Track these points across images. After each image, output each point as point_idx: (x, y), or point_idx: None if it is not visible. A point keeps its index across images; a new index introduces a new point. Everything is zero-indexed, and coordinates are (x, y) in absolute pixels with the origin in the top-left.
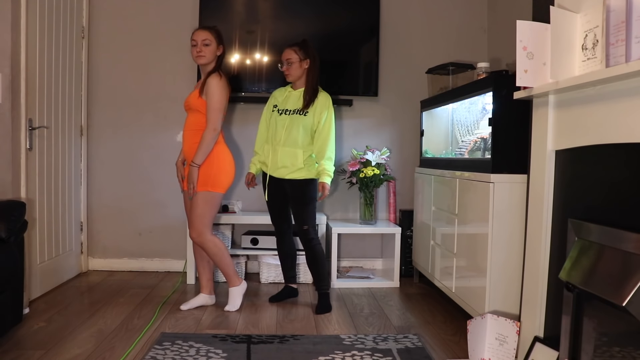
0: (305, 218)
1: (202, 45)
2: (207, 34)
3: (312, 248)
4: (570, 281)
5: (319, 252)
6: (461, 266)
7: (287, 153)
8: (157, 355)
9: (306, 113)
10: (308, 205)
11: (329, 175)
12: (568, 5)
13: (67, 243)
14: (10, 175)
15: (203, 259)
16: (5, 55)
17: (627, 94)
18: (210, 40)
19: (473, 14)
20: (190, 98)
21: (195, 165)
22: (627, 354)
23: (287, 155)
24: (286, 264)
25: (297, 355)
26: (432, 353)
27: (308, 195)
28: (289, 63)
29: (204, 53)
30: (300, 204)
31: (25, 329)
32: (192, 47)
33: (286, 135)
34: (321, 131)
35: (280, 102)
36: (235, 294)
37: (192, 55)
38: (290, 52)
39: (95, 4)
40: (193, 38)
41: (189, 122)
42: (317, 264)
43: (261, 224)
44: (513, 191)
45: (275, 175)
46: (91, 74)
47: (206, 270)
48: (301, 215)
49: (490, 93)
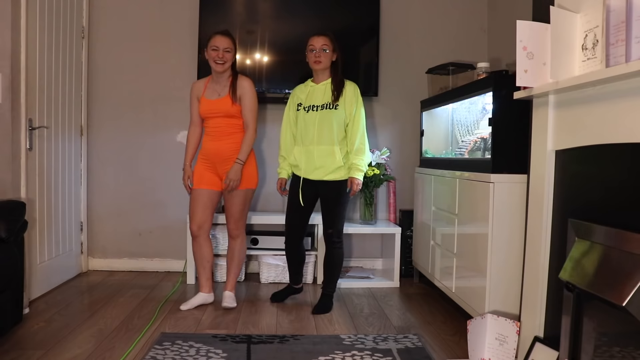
0: (333, 220)
1: (224, 52)
2: (229, 42)
3: (333, 251)
4: (570, 281)
5: (338, 257)
6: (461, 266)
7: (323, 152)
8: (157, 355)
9: (337, 106)
10: (340, 206)
11: (360, 170)
12: (568, 5)
13: (67, 243)
14: (10, 175)
15: (203, 258)
16: (5, 55)
17: (627, 94)
18: (231, 48)
19: (473, 14)
20: (222, 105)
21: (242, 162)
22: (627, 354)
23: (324, 155)
24: (294, 268)
25: (297, 355)
26: (432, 353)
27: (344, 196)
28: (324, 50)
29: (226, 59)
30: (333, 205)
31: (25, 329)
32: (213, 52)
33: (319, 133)
34: (352, 123)
35: (304, 99)
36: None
37: (211, 59)
38: (325, 39)
39: (95, 4)
40: (215, 44)
41: (222, 126)
42: (333, 268)
43: (261, 224)
44: (513, 191)
45: (312, 177)
46: (91, 74)
47: (206, 270)
48: (330, 217)
49: (490, 93)
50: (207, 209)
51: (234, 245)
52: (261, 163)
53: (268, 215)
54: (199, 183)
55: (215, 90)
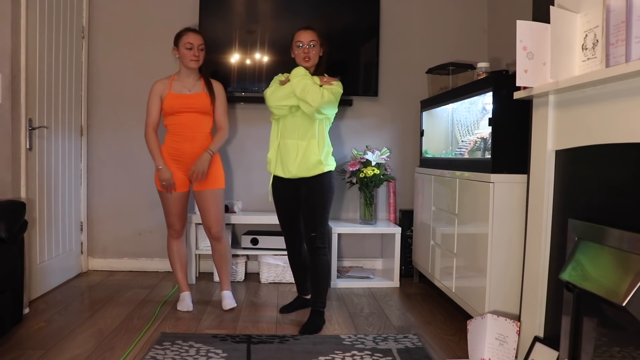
0: (316, 222)
1: (199, 49)
2: (202, 39)
3: (317, 259)
4: (570, 281)
5: (323, 265)
6: (461, 266)
7: (302, 147)
8: (157, 355)
9: None
10: (323, 206)
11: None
12: (568, 5)
13: (67, 243)
14: (10, 175)
15: (184, 258)
16: (5, 55)
17: (627, 94)
18: (204, 45)
19: (473, 14)
20: (199, 100)
21: (212, 153)
22: (627, 354)
23: (303, 150)
24: (299, 276)
25: (297, 355)
26: (432, 353)
27: (327, 194)
28: (312, 45)
29: (200, 57)
30: (314, 204)
31: (25, 329)
32: (187, 50)
33: (299, 128)
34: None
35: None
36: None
37: (185, 57)
38: (313, 33)
39: (95, 4)
40: (189, 41)
41: (194, 123)
42: (318, 277)
43: (261, 224)
44: (513, 191)
45: (291, 175)
46: (91, 74)
47: (184, 269)
48: (312, 218)
49: (490, 93)
50: (185, 211)
51: (220, 247)
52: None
53: (268, 215)
54: (178, 184)
55: (185, 87)
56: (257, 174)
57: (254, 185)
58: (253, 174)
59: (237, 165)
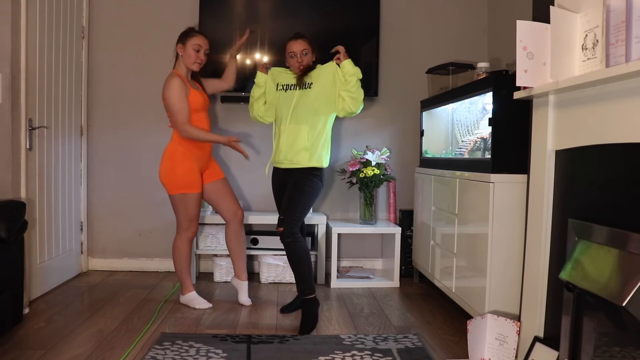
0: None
1: (204, 53)
2: (209, 45)
3: (288, 248)
4: (571, 281)
5: (297, 252)
6: (461, 266)
7: (292, 131)
8: (157, 355)
9: (310, 85)
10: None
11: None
12: (568, 5)
13: (67, 243)
14: (10, 175)
15: (189, 260)
16: (5, 55)
17: (627, 94)
18: (209, 51)
19: (473, 14)
20: (204, 98)
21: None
22: (627, 354)
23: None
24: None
25: (297, 355)
26: (432, 353)
27: (308, 185)
28: (305, 53)
29: (204, 62)
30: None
31: (25, 329)
32: (194, 52)
33: (293, 112)
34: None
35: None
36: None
37: (191, 58)
38: (304, 42)
39: (95, 4)
40: (199, 43)
41: (205, 120)
42: (295, 265)
43: (261, 224)
44: (513, 191)
45: (278, 159)
46: (91, 74)
47: (190, 270)
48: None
49: (490, 93)
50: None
51: (242, 232)
52: (261, 162)
53: (268, 215)
54: (197, 187)
55: (191, 85)
56: (256, 174)
57: (254, 186)
58: (253, 174)
59: (237, 166)
